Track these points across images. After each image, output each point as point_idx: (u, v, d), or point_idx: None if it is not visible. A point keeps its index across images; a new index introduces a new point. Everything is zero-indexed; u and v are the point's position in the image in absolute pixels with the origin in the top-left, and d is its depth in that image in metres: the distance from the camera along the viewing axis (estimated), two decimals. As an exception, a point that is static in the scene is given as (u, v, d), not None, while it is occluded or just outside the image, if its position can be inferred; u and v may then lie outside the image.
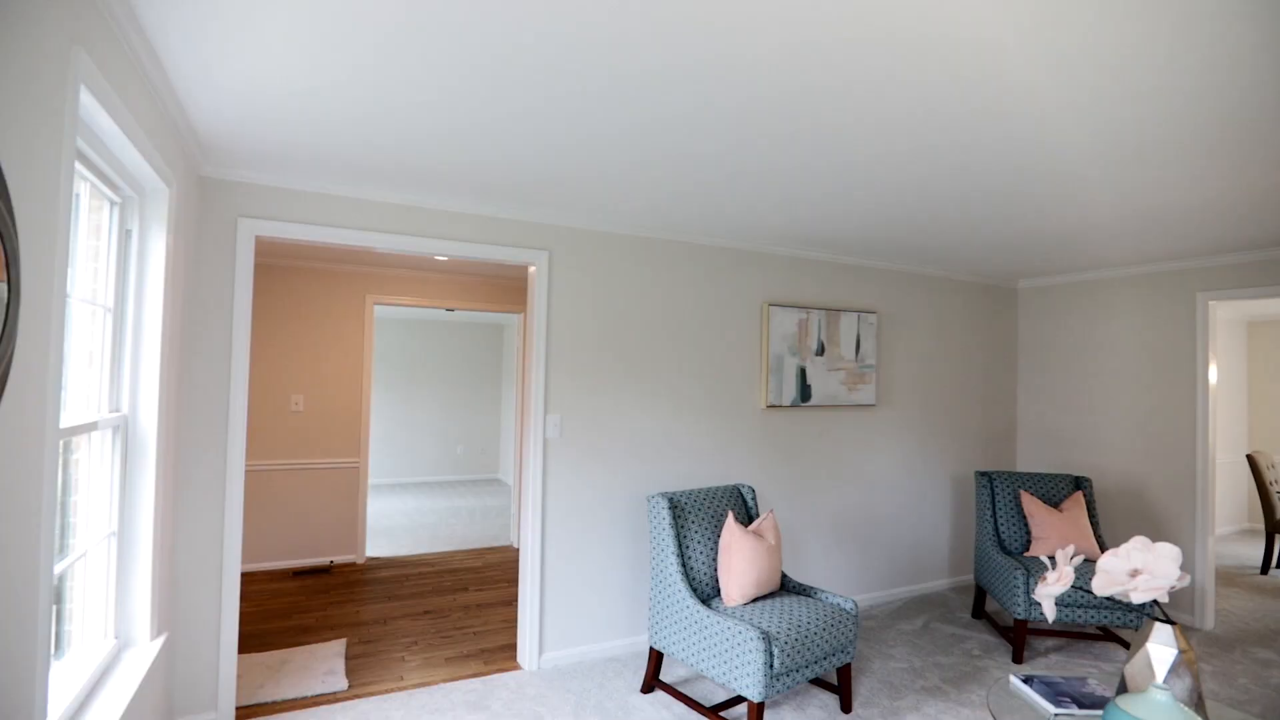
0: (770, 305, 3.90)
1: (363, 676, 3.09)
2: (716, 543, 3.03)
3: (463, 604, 4.14)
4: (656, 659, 3.01)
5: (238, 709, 2.76)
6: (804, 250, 3.99)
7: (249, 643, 3.46)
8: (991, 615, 4.08)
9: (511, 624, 3.80)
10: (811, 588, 3.03)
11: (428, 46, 1.62)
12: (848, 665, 2.84)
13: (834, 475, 4.18)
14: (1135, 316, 4.33)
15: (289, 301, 4.85)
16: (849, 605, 2.85)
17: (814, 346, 4.06)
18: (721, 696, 3.02)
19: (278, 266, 4.81)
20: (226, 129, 2.19)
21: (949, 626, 3.91)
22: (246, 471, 4.69)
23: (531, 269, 3.32)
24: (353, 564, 4.95)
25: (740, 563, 2.85)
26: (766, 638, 2.48)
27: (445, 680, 3.07)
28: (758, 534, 2.95)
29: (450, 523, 6.49)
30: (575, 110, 1.99)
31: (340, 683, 2.99)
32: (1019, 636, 3.41)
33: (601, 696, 2.96)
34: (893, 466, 4.42)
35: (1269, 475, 5.29)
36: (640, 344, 3.54)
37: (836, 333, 4.15)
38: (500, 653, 3.40)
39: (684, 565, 2.93)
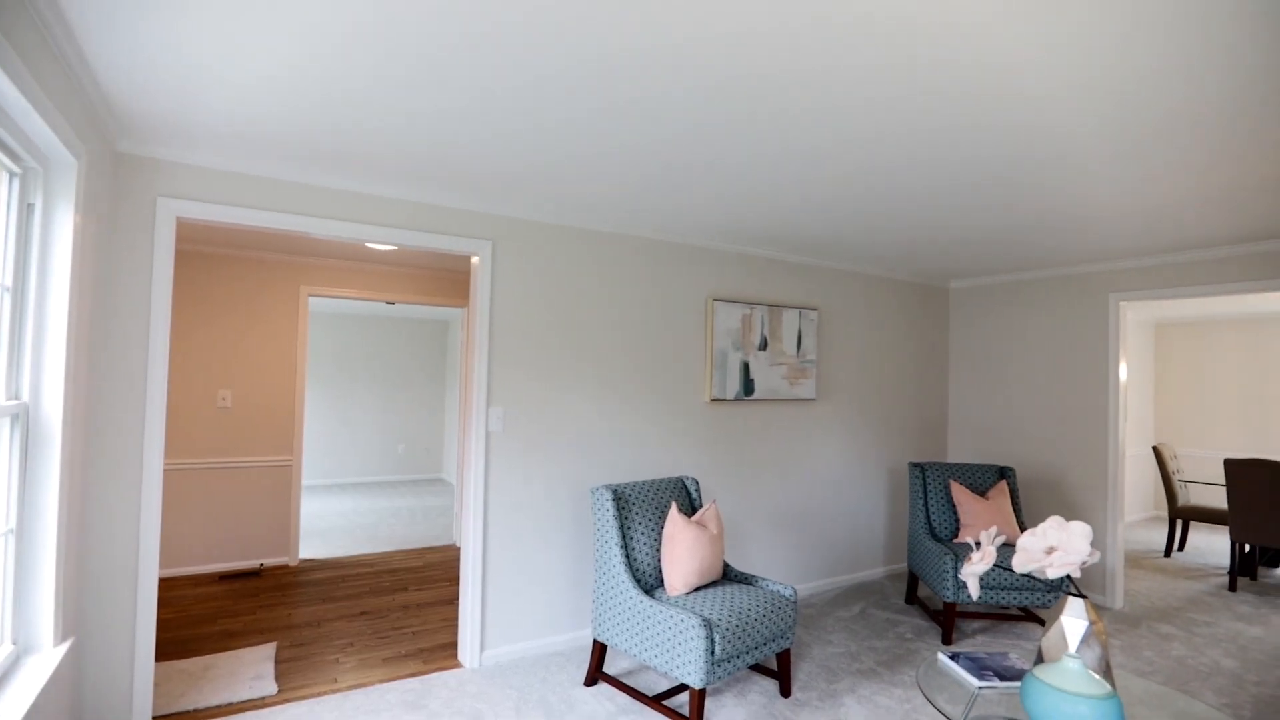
0: (715, 300, 3.94)
1: (294, 680, 2.97)
2: (660, 534, 3.05)
3: (401, 604, 4.03)
4: (600, 651, 3.00)
5: (155, 718, 2.61)
6: (748, 247, 4.06)
7: (169, 649, 3.27)
8: (923, 600, 4.25)
9: (452, 623, 3.72)
10: (753, 576, 3.09)
11: (379, 28, 1.57)
12: (787, 651, 2.90)
13: (775, 467, 4.26)
14: (1054, 316, 4.59)
15: (216, 291, 4.62)
16: (788, 592, 2.91)
17: (757, 341, 4.14)
18: (664, 686, 3.03)
19: (204, 254, 4.57)
20: (145, 102, 2.07)
21: (884, 612, 4.04)
22: (168, 469, 4.44)
23: (474, 259, 3.26)
24: (284, 566, 4.74)
25: (683, 552, 2.87)
26: (708, 625, 2.51)
27: (382, 681, 2.98)
28: (701, 524, 2.98)
29: (390, 523, 6.31)
30: (526, 98, 1.96)
31: (269, 687, 2.86)
32: (948, 619, 3.55)
33: (544, 691, 2.93)
34: (832, 459, 4.55)
35: (1172, 466, 5.70)
36: (586, 337, 3.53)
37: (779, 328, 4.24)
38: (440, 651, 3.32)
39: (627, 556, 2.94)
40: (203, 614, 3.78)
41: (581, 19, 1.54)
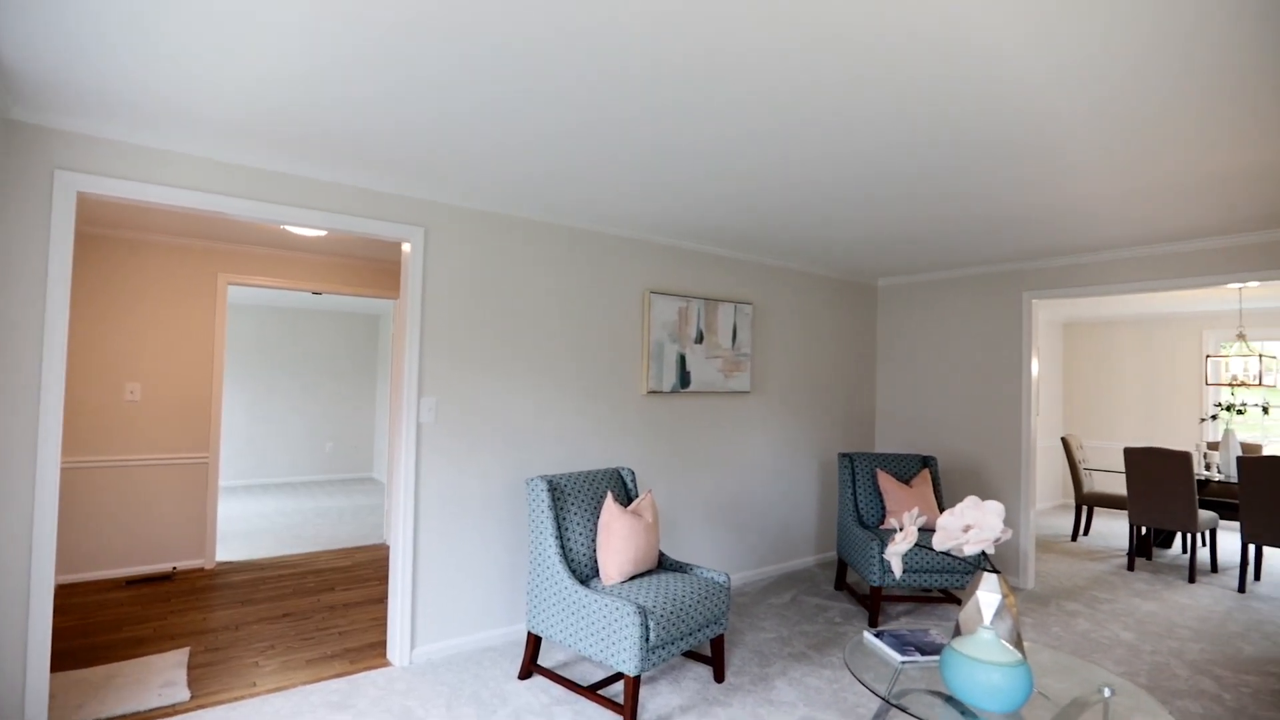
0: (652, 293, 3.97)
1: (208, 686, 2.81)
2: (596, 524, 3.04)
3: (328, 604, 3.87)
4: (534, 644, 2.97)
5: (49, 732, 2.42)
6: (684, 241, 4.10)
7: (69, 659, 3.04)
8: (852, 586, 4.40)
9: (381, 622, 3.60)
10: (687, 564, 3.12)
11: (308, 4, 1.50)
12: (721, 637, 2.95)
13: (710, 459, 4.33)
14: (973, 313, 4.83)
15: (125, 277, 4.32)
16: (722, 578, 2.96)
17: (693, 334, 4.18)
18: (600, 676, 3.03)
19: (113, 238, 4.26)
20: (41, 65, 1.91)
21: (814, 598, 4.17)
22: (69, 467, 4.13)
23: (406, 246, 3.17)
24: (200, 569, 4.49)
25: (619, 541, 2.88)
26: (643, 612, 2.52)
27: (305, 683, 2.86)
28: (636, 513, 2.99)
29: (317, 523, 6.06)
30: (459, 81, 1.91)
31: (181, 694, 2.70)
32: (874, 602, 3.69)
33: (477, 686, 2.88)
34: (765, 450, 4.65)
35: (1078, 456, 6.10)
36: (521, 327, 3.48)
37: (715, 322, 4.30)
38: (369, 650, 3.21)
39: (563, 547, 2.92)
40: (107, 621, 3.53)
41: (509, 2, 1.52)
